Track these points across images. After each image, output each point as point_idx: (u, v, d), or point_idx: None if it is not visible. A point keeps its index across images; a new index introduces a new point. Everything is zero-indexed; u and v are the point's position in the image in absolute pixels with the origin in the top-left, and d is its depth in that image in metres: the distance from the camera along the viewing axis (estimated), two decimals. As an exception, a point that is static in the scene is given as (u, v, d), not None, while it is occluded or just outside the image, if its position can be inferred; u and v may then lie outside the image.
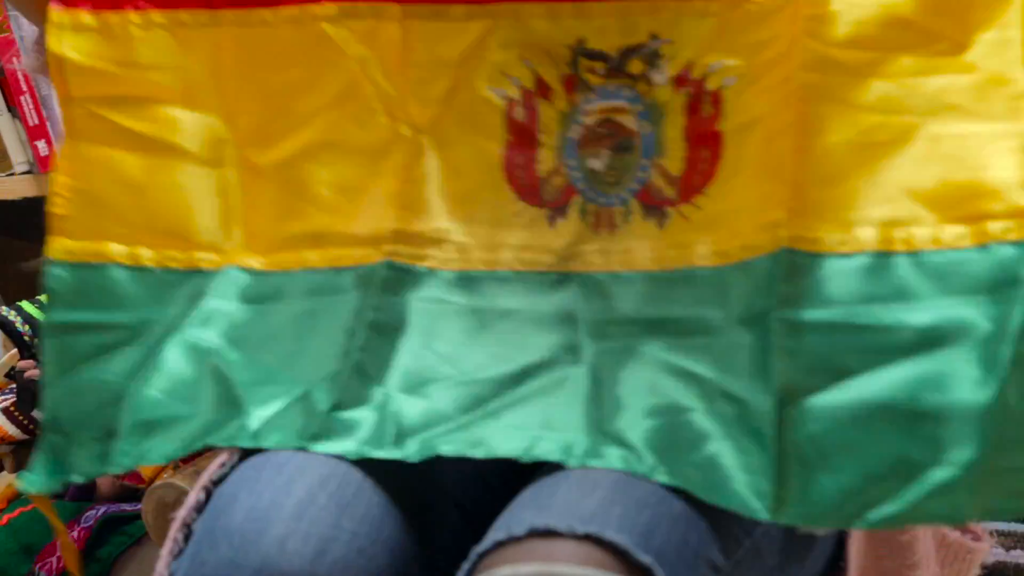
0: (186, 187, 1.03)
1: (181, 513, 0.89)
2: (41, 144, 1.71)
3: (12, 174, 1.69)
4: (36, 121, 1.70)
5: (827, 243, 0.89)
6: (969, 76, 0.88)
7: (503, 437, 0.87)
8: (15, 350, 1.40)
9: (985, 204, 0.86)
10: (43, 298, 1.48)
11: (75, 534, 1.33)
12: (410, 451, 0.87)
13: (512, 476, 0.88)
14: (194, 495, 0.89)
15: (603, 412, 0.89)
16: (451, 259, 0.98)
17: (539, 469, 0.86)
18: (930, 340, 0.85)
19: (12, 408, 1.38)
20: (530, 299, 0.96)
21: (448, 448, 0.86)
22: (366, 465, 0.87)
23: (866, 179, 0.90)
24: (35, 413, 1.37)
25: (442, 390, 0.92)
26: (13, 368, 1.37)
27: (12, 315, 1.40)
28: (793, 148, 0.91)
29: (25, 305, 1.42)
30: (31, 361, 1.36)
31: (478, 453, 0.86)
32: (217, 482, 0.88)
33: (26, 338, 1.40)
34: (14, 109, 1.69)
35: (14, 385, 1.37)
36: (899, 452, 0.81)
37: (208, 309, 1.02)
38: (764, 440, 0.83)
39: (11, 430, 1.38)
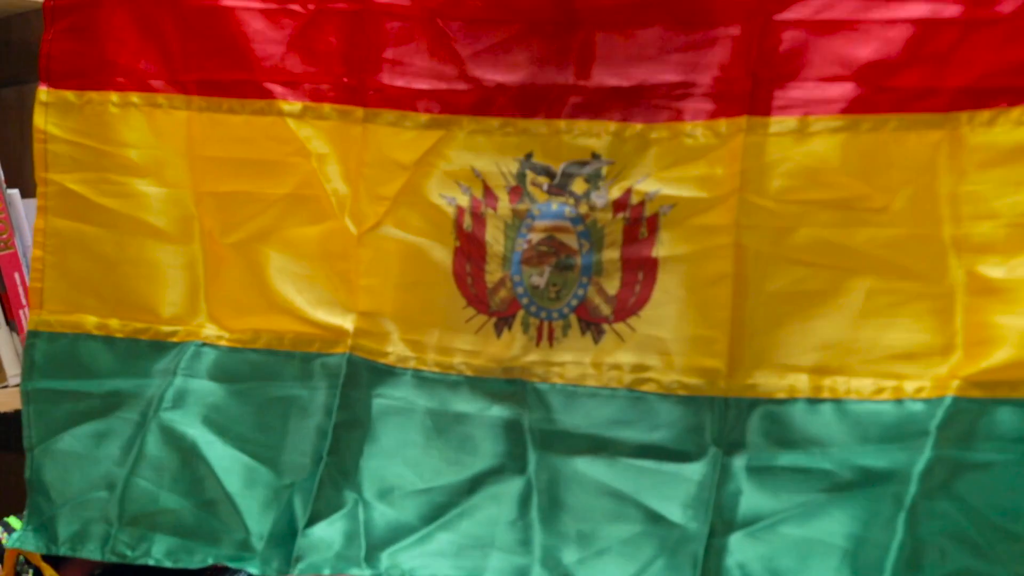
0: (154, 262, 1.10)
1: None
2: (37, 357, 1.70)
3: (7, 386, 1.69)
4: (33, 335, 1.70)
5: (763, 389, 0.95)
6: (892, 230, 0.92)
7: (457, 563, 0.96)
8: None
9: (902, 366, 0.93)
10: (31, 513, 1.45)
11: None
12: (380, 569, 0.97)
13: None
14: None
15: (555, 541, 0.97)
16: (408, 357, 1.06)
17: None
18: (844, 484, 0.92)
19: (-9, 625, 1.34)
20: (480, 404, 1.03)
21: (410, 565, 0.96)
22: None
23: (799, 327, 0.95)
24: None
25: (405, 498, 1.02)
26: (-5, 583, 1.33)
27: None
28: (732, 296, 0.97)
29: (12, 521, 1.40)
30: (14, 577, 1.33)
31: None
32: None
33: (12, 553, 1.37)
34: (12, 323, 1.70)
35: (-5, 600, 1.33)
36: None
37: (181, 388, 1.08)
38: (696, 561, 0.92)
39: (-9, 649, 1.34)
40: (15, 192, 1.70)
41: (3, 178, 1.67)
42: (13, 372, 1.72)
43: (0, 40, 1.83)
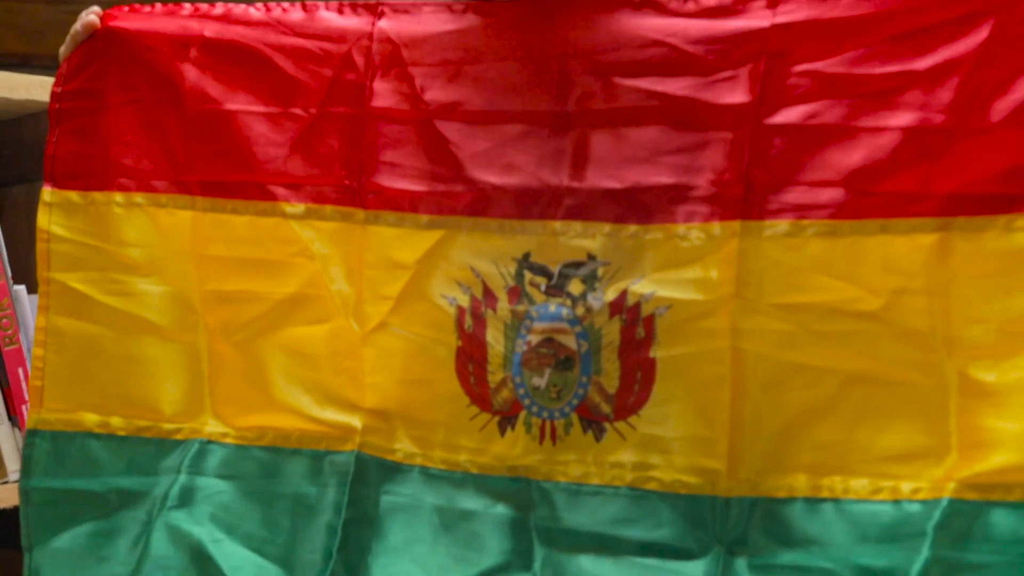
0: (155, 360, 1.11)
1: None
2: (39, 453, 1.70)
3: (7, 482, 1.68)
4: (36, 430, 1.70)
5: (763, 488, 0.97)
6: (884, 332, 0.93)
7: None
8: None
9: (899, 467, 0.93)
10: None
11: None
12: None
13: None
14: None
15: None
16: (415, 454, 1.07)
17: None
18: None
19: None
20: (486, 501, 1.03)
21: None
22: None
23: (797, 428, 0.95)
24: None
25: None
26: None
27: (-4, 624, 1.36)
28: (730, 399, 0.98)
29: (11, 616, 1.39)
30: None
31: None
32: None
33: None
34: (15, 418, 1.70)
35: None
36: None
37: (186, 486, 1.08)
38: None
39: None
40: (21, 288, 1.72)
41: (10, 274, 1.69)
42: (14, 467, 1.71)
43: (11, 139, 1.86)
